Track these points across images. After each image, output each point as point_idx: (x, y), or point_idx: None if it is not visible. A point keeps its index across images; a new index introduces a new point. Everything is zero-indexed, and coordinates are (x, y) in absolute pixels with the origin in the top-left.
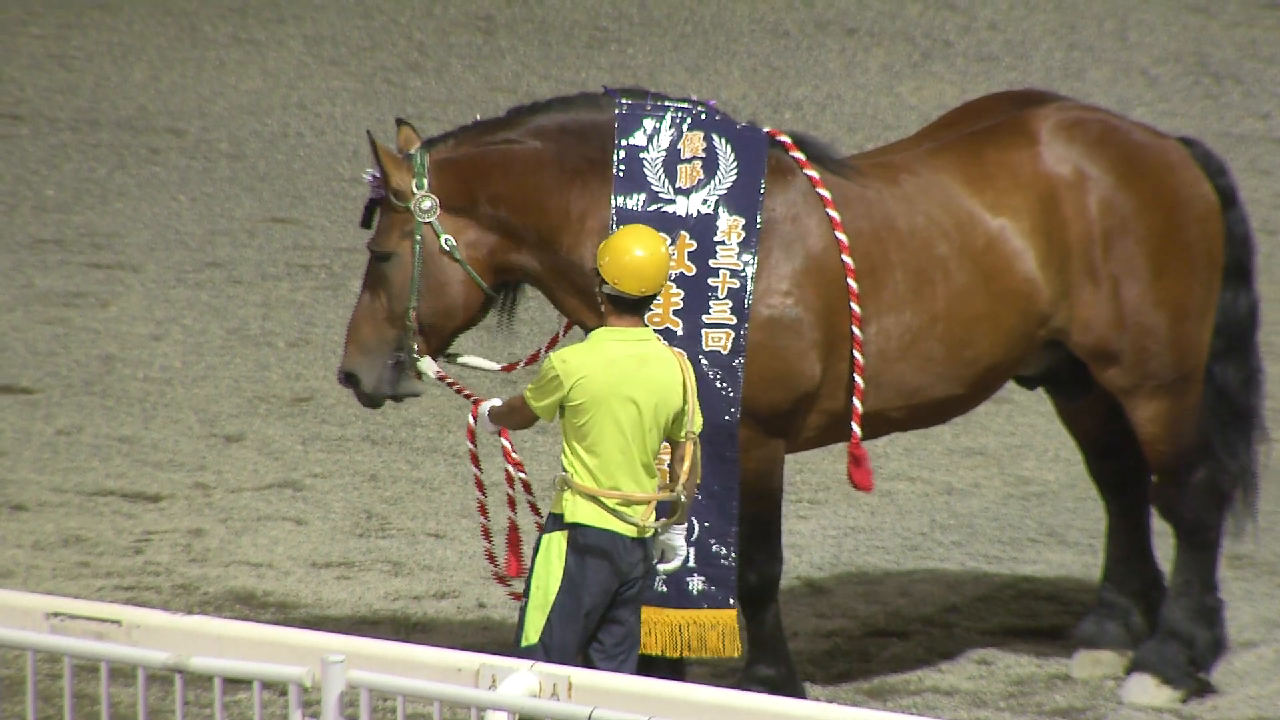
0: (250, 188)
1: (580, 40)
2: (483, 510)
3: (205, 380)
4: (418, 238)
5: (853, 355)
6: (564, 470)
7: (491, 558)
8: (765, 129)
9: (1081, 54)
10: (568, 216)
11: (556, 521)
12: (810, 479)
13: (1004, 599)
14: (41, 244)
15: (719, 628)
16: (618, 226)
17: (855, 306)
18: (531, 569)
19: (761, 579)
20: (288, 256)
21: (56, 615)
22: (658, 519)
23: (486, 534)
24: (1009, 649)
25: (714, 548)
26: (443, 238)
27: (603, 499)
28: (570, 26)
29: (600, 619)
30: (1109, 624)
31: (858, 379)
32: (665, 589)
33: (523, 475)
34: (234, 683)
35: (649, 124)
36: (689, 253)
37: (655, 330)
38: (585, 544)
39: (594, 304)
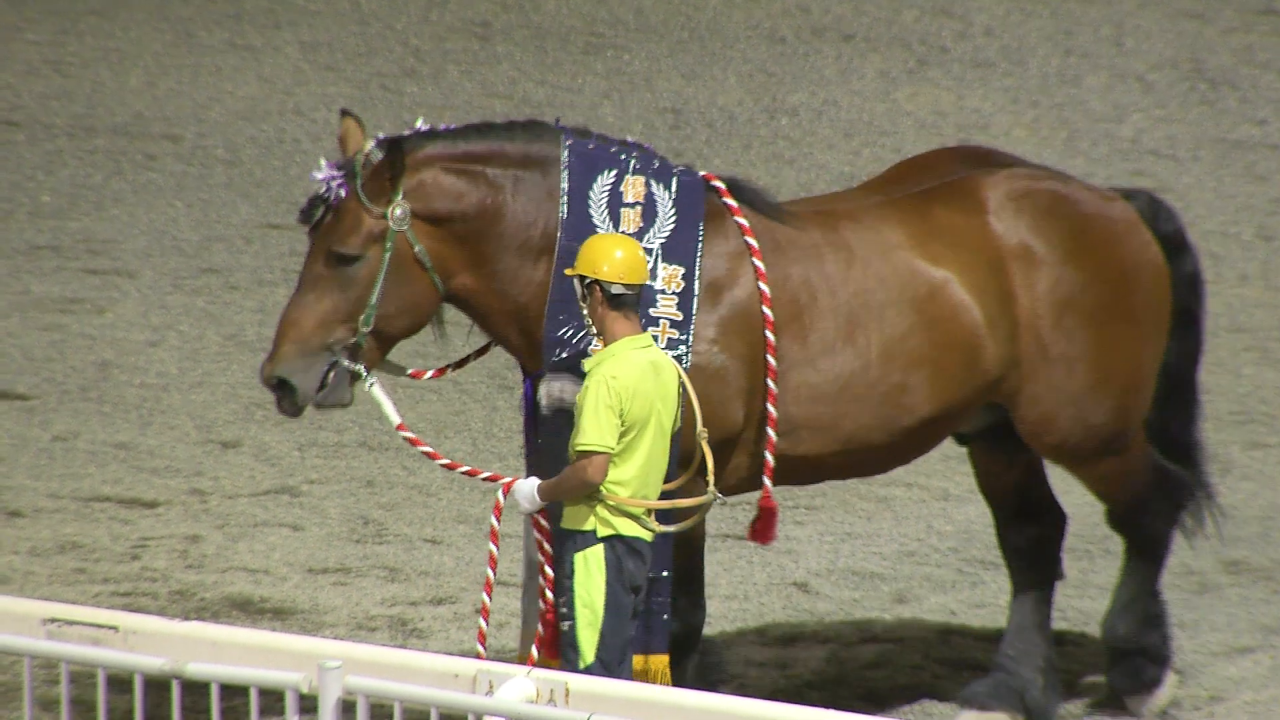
0: (246, 194)
1: (576, 46)
2: (488, 588)
3: (202, 386)
4: (388, 244)
5: (767, 408)
6: None
7: (483, 638)
8: (701, 173)
9: (1077, 60)
10: (526, 245)
11: (587, 538)
12: (807, 485)
13: (1000, 605)
14: (38, 250)
15: (649, 674)
16: (560, 261)
17: (771, 359)
18: (571, 590)
19: (685, 627)
20: (284, 262)
21: (53, 621)
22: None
23: (485, 613)
24: None
25: (653, 596)
26: (416, 247)
27: (632, 508)
28: (566, 32)
29: None
30: (1004, 688)
31: (770, 433)
32: None
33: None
34: (231, 689)
35: (594, 163)
36: None
37: None
38: (623, 551)
39: (524, 325)
